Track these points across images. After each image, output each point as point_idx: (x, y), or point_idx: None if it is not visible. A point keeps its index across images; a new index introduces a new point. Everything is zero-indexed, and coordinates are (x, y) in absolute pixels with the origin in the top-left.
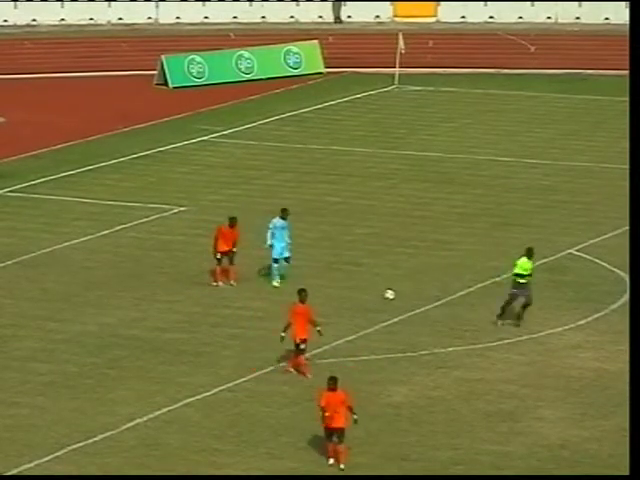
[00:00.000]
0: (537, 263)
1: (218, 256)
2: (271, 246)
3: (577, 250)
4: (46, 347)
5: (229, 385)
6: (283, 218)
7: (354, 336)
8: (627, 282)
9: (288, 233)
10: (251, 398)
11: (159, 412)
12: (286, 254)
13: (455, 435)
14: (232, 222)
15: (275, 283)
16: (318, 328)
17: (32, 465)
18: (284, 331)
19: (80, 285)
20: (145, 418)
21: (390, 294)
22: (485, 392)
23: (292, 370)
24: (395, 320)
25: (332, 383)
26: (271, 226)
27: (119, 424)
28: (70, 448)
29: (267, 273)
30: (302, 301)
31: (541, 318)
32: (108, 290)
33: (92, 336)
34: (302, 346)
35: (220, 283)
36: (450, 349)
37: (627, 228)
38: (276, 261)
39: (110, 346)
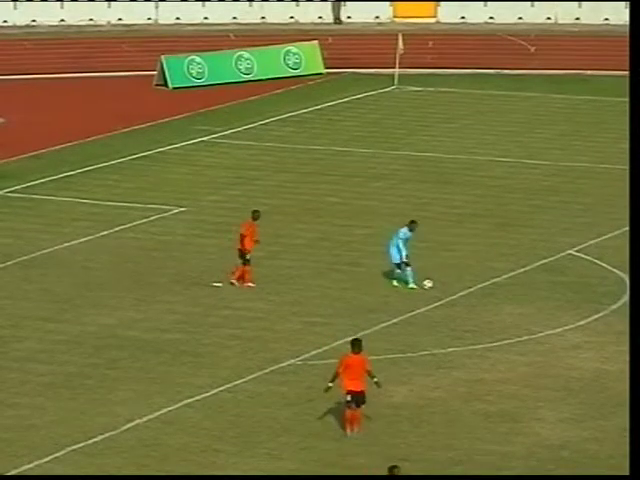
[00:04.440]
0: (537, 263)
1: (248, 256)
2: (407, 257)
3: (577, 251)
4: (46, 348)
5: (229, 386)
6: (411, 230)
7: (354, 337)
8: (627, 282)
9: (408, 243)
10: (251, 399)
11: (159, 413)
12: (397, 260)
13: (455, 436)
14: (256, 215)
15: (412, 285)
16: (375, 379)
17: (32, 465)
18: (331, 381)
19: (80, 286)
20: (145, 419)
21: (427, 282)
22: (485, 393)
23: (349, 430)
24: (395, 321)
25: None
26: (402, 236)
27: (119, 425)
28: (70, 449)
29: (393, 278)
30: (356, 352)
31: (541, 318)
32: (108, 291)
33: (92, 337)
34: (348, 397)
35: (250, 284)
36: (450, 350)
37: (627, 229)
38: (407, 264)
39: (110, 347)
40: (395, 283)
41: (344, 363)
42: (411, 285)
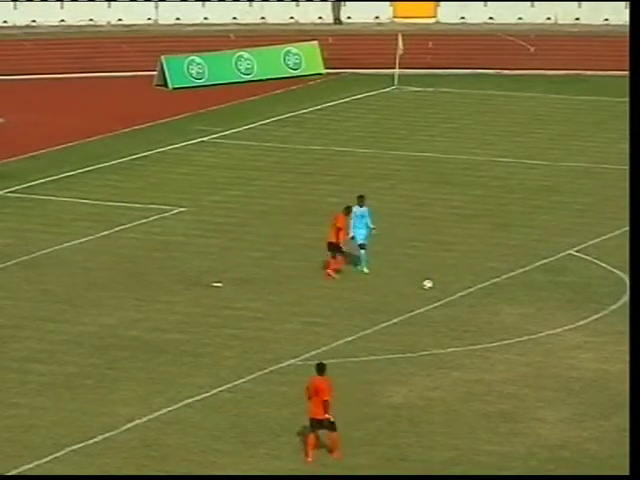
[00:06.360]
0: (537, 264)
1: (343, 248)
2: (352, 238)
3: (577, 251)
4: (46, 348)
5: (229, 386)
6: (360, 205)
7: (353, 337)
8: (627, 283)
9: (369, 219)
10: (251, 399)
11: (159, 413)
12: (361, 241)
13: (455, 436)
14: (348, 211)
15: (365, 270)
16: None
17: (32, 466)
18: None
19: (80, 286)
20: (145, 419)
21: (427, 282)
22: (485, 393)
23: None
24: (395, 321)
25: None
26: (353, 216)
27: (119, 425)
28: (70, 449)
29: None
30: (321, 375)
31: (541, 319)
32: (108, 291)
33: (92, 337)
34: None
35: (334, 275)
36: (449, 350)
37: (627, 229)
38: (362, 247)
39: (110, 347)
40: (365, 270)
41: (314, 387)
42: (364, 269)
